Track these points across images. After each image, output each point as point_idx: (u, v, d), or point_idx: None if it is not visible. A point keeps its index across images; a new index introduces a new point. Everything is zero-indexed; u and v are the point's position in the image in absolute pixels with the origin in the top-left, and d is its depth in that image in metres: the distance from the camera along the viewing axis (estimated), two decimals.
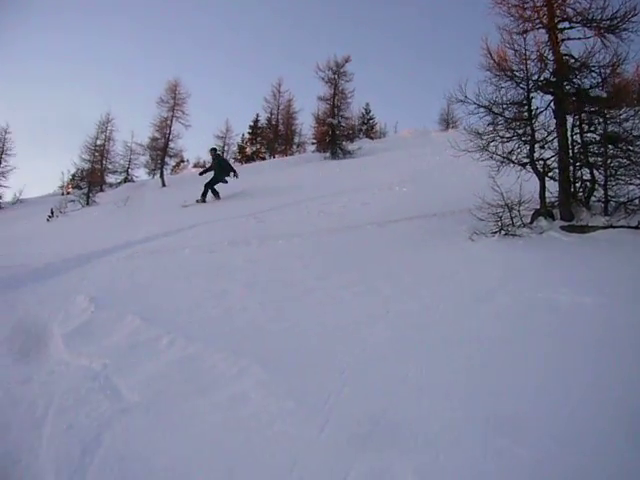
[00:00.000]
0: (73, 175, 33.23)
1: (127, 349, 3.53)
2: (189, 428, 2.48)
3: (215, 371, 3.01)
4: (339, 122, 24.71)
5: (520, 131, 5.70)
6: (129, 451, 2.34)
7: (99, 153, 29.65)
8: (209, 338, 3.52)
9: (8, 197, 30.61)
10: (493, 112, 5.75)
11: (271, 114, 35.71)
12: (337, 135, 24.13)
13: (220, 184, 13.46)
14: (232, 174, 13.57)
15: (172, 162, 31.31)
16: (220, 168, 13.61)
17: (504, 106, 5.73)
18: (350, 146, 23.54)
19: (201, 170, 15.36)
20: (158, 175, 28.15)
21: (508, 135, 5.75)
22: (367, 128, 36.52)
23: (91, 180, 26.38)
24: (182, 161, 36.84)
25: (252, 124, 37.39)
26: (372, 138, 32.54)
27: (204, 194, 13.00)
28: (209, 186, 13.13)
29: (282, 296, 4.34)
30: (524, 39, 5.66)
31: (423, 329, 3.32)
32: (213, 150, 14.47)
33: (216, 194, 13.20)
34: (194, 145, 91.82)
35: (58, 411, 2.81)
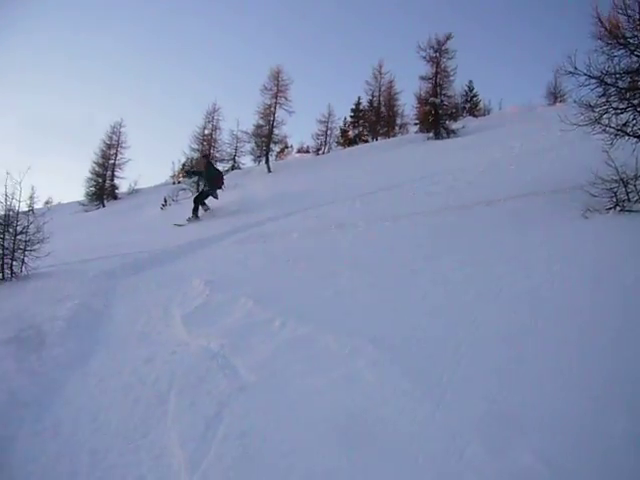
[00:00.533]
0: (183, 164, 35.23)
1: (242, 330, 3.71)
2: (306, 407, 2.56)
3: (328, 351, 3.08)
4: (442, 101, 24.15)
5: (635, 101, 5.21)
6: (249, 427, 2.47)
7: (207, 142, 31.17)
8: (320, 319, 3.60)
9: (124, 188, 33.29)
10: (605, 83, 5.29)
11: (372, 96, 35.71)
12: (440, 114, 23.63)
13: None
14: (220, 187, 12.32)
15: (277, 148, 32.31)
16: (211, 178, 12.20)
17: (617, 76, 5.27)
18: (454, 125, 23.09)
19: (189, 170, 13.68)
20: (264, 161, 29.10)
21: (622, 106, 5.27)
22: (471, 106, 35.44)
23: (200, 169, 27.77)
24: (286, 147, 37.73)
25: (354, 107, 37.54)
26: (476, 116, 31.52)
27: (195, 209, 11.79)
28: (199, 201, 11.96)
29: (392, 277, 4.32)
30: (638, 3, 5.13)
31: (537, 308, 3.16)
32: (205, 157, 12.85)
33: (207, 208, 12.10)
34: (298, 131, 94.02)
35: (181, 389, 3.04)
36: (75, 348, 4.01)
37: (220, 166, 32.03)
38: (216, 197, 12.14)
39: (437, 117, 23.33)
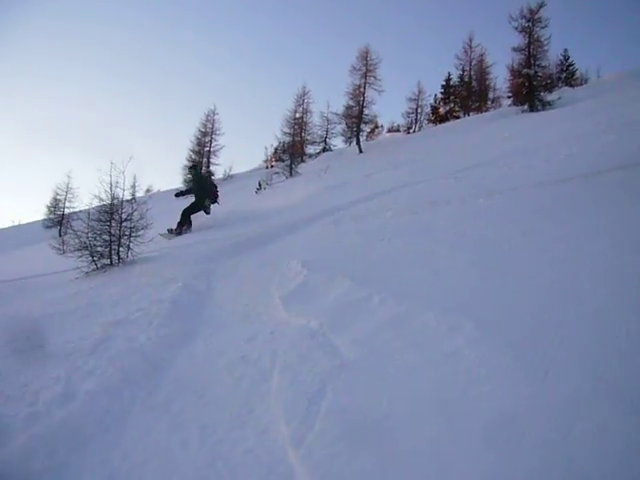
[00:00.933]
0: (275, 149, 36.30)
1: (340, 309, 3.72)
2: (406, 383, 2.53)
3: (427, 329, 3.00)
4: (536, 72, 23.45)
5: None
6: (351, 404, 2.49)
7: (298, 125, 31.87)
8: (418, 297, 3.52)
9: (219, 174, 34.80)
10: None
11: (463, 71, 35.24)
12: (534, 86, 22.92)
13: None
14: (212, 201, 10.78)
15: (367, 128, 32.54)
16: (202, 191, 10.64)
17: None
18: (549, 97, 22.30)
19: (177, 192, 11.07)
20: (354, 142, 29.30)
21: None
22: (566, 76, 34.04)
23: (292, 152, 28.47)
24: (376, 127, 37.95)
25: (444, 83, 37.19)
26: (572, 86, 30.23)
27: (181, 223, 10.31)
28: (187, 214, 10.39)
29: (489, 253, 4.13)
30: None
31: None
32: (192, 168, 11.12)
33: (189, 225, 10.45)
34: (388, 110, 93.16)
35: (283, 367, 3.11)
36: (181, 328, 4.25)
37: (311, 149, 32.83)
38: (208, 212, 10.78)
39: (531, 89, 22.74)
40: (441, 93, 37.35)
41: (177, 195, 10.95)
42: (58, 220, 28.71)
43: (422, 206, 6.73)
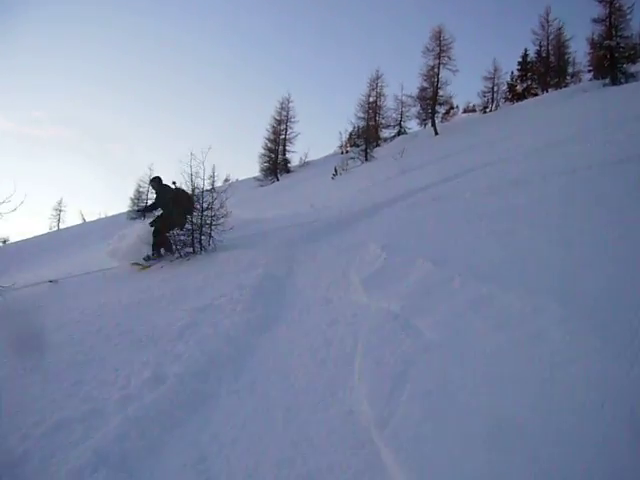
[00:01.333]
0: (350, 134, 36.31)
1: (421, 291, 3.67)
2: (490, 365, 2.45)
3: (510, 309, 2.89)
4: (618, 43, 21.98)
5: None
6: (435, 386, 2.44)
7: (372, 110, 31.83)
8: (500, 278, 3.40)
9: (295, 161, 35.39)
10: None
11: (540, 46, 33.82)
12: (616, 58, 21.41)
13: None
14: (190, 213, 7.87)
15: (442, 110, 32.01)
16: (169, 206, 7.90)
17: None
18: (632, 68, 20.80)
19: (143, 207, 8.07)
20: (429, 124, 29.00)
21: None
22: None
23: (367, 136, 28.39)
24: (452, 107, 37.15)
25: (521, 60, 35.69)
26: None
27: (158, 246, 8.07)
28: (162, 233, 7.99)
29: (574, 233, 3.90)
30: None
31: None
32: (155, 181, 8.31)
33: (168, 246, 8.04)
34: (463, 90, 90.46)
35: (365, 349, 3.11)
36: (263, 313, 4.34)
37: (386, 132, 32.60)
38: (182, 229, 7.91)
39: (613, 61, 21.38)
40: (518, 70, 35.98)
41: (144, 211, 9.23)
42: (142, 211, 29.92)
43: (502, 186, 6.51)
